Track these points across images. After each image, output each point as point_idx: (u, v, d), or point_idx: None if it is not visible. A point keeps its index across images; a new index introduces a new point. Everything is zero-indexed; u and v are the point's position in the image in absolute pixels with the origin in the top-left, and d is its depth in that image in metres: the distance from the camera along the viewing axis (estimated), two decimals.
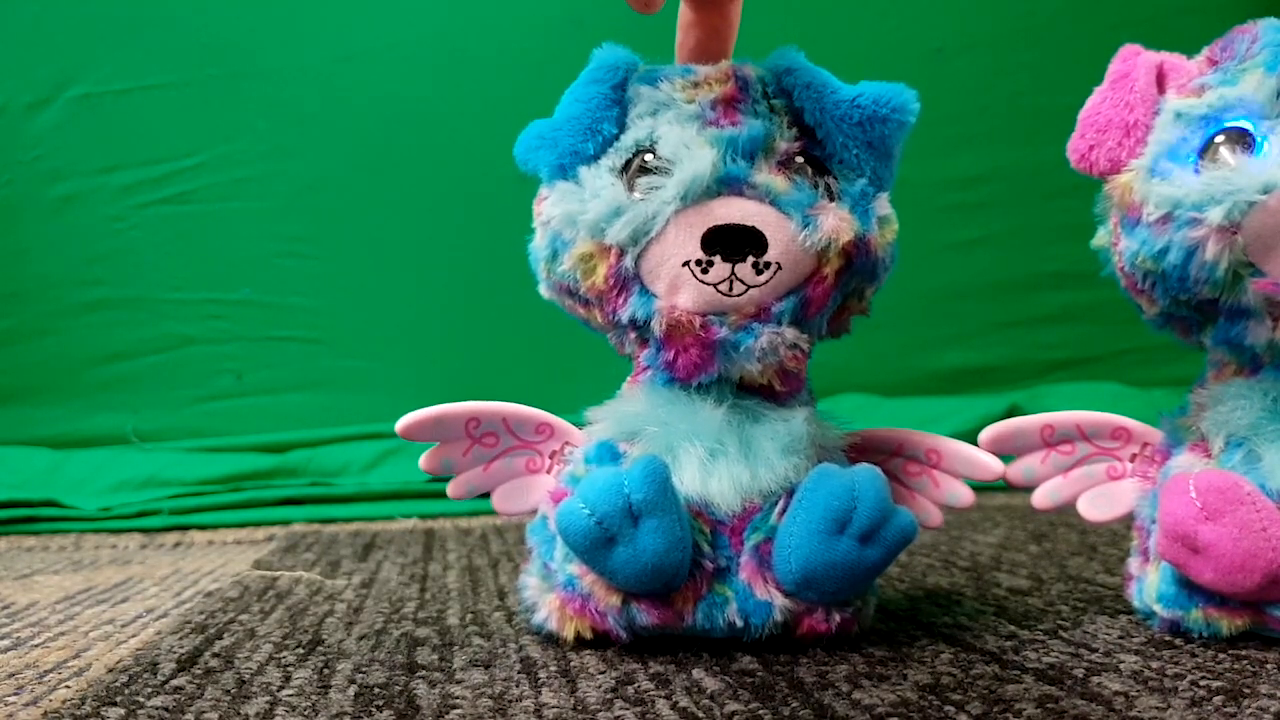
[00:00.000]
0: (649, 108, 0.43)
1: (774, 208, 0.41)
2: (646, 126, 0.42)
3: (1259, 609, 0.40)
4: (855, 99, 0.42)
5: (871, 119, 0.42)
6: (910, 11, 1.18)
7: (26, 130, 1.11)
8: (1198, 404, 0.44)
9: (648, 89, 0.43)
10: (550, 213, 0.43)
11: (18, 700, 0.38)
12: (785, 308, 0.41)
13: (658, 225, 0.40)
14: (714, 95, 0.42)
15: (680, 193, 0.40)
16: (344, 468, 1.05)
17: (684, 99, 0.42)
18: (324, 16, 1.14)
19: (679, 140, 0.41)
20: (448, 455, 0.46)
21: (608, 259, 0.41)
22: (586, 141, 0.43)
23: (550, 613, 0.44)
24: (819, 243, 0.40)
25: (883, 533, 0.40)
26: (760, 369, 0.42)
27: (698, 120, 0.42)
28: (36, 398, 1.12)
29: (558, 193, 0.43)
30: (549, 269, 0.44)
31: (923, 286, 1.16)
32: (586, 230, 0.41)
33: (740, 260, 0.40)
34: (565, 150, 0.43)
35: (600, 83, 0.43)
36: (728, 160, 0.41)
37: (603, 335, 0.46)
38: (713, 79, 0.43)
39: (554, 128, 0.44)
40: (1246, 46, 0.42)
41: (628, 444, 0.43)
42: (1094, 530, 0.72)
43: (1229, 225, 0.38)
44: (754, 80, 0.43)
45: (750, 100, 0.43)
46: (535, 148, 0.44)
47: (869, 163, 0.43)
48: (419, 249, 1.15)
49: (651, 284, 0.41)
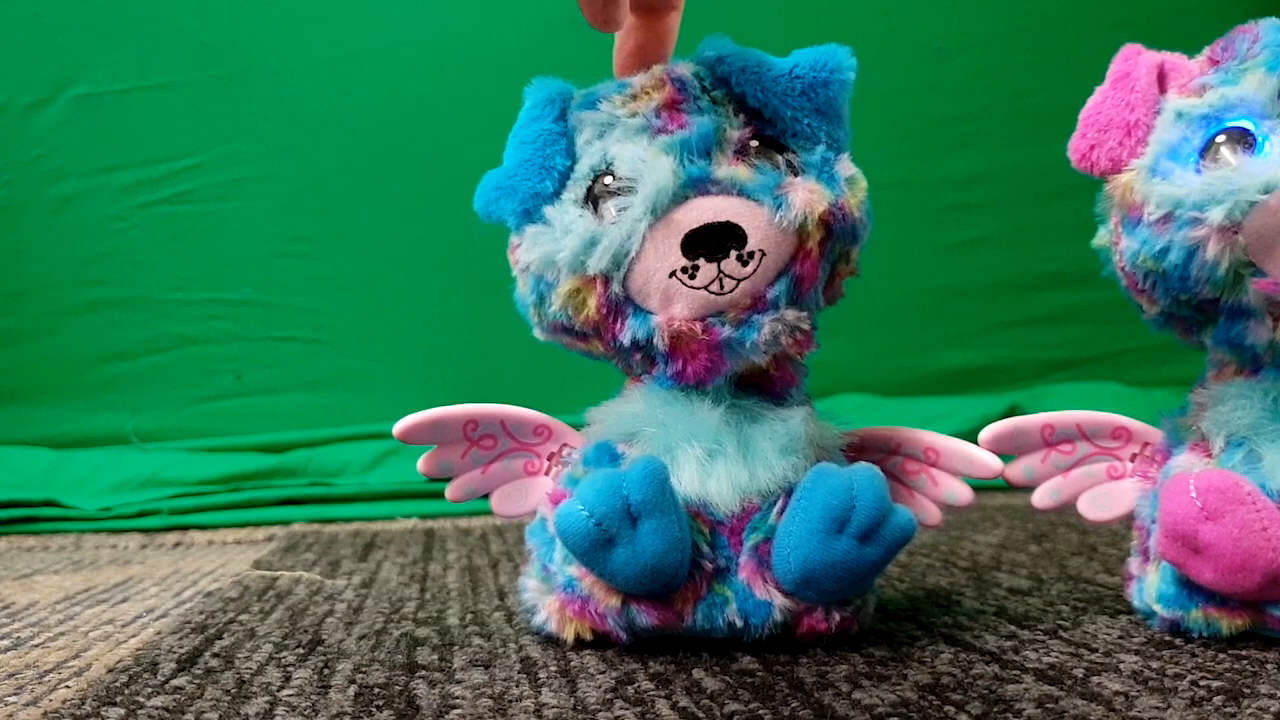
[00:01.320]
0: (595, 131, 0.43)
1: (743, 197, 0.40)
2: (598, 150, 0.42)
3: (1259, 609, 0.40)
4: (792, 70, 0.42)
5: (813, 85, 0.42)
6: (910, 11, 1.18)
7: (26, 130, 1.11)
8: (1198, 404, 0.44)
9: (589, 113, 0.43)
10: (526, 259, 0.43)
11: (18, 700, 0.38)
12: (779, 291, 0.41)
13: (635, 244, 0.40)
14: (655, 103, 0.42)
15: (649, 207, 0.40)
16: (344, 468, 1.05)
17: (626, 114, 0.42)
18: (324, 16, 1.14)
19: (633, 156, 0.41)
20: (446, 458, 0.46)
21: (595, 290, 0.41)
22: (544, 180, 0.42)
23: (550, 614, 0.44)
24: (795, 220, 0.40)
25: (882, 531, 0.40)
26: (768, 359, 0.42)
27: (646, 131, 0.42)
28: (36, 398, 1.12)
29: (529, 238, 0.42)
30: (539, 313, 0.44)
31: (923, 286, 1.15)
32: (567, 267, 0.41)
33: (724, 257, 0.40)
34: (525, 194, 0.43)
35: (541, 119, 0.43)
36: (686, 163, 0.41)
37: (608, 361, 0.45)
38: (649, 87, 0.43)
39: (509, 175, 0.43)
40: (1248, 46, 0.42)
41: (626, 445, 0.43)
42: (1094, 530, 0.72)
43: (1230, 225, 0.38)
44: (690, 78, 0.43)
45: (691, 98, 0.42)
46: (495, 199, 0.44)
47: (821, 128, 0.43)
48: (419, 249, 1.15)
49: (644, 302, 0.41)
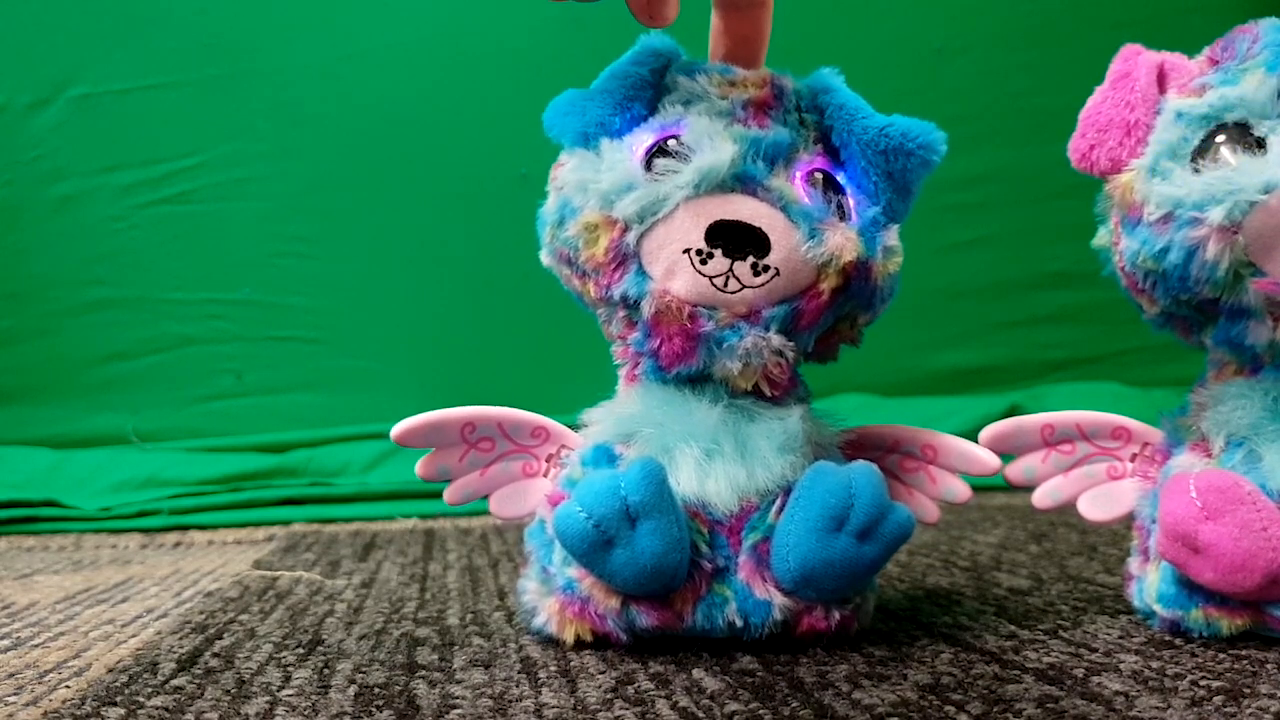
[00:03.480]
0: (683, 96, 0.43)
1: (783, 214, 0.41)
2: (677, 113, 0.43)
3: (1259, 609, 0.40)
4: (884, 128, 0.42)
5: (897, 150, 0.42)
6: (910, 11, 1.18)
7: (26, 130, 1.11)
8: (1198, 404, 0.44)
9: (685, 79, 0.44)
10: (565, 178, 0.43)
11: (18, 700, 0.38)
12: (776, 315, 0.41)
13: (666, 208, 0.41)
14: (747, 96, 0.43)
15: (695, 180, 0.40)
16: (344, 468, 1.05)
17: (718, 94, 0.43)
18: (324, 16, 1.14)
19: (704, 130, 0.41)
20: (444, 461, 0.46)
21: (611, 232, 0.41)
22: (614, 115, 0.43)
23: (550, 616, 0.44)
24: (821, 256, 0.41)
25: (880, 529, 0.40)
26: (741, 369, 0.42)
27: (727, 116, 0.42)
28: (36, 398, 1.12)
29: (576, 159, 0.43)
30: (554, 234, 0.44)
31: (923, 286, 1.15)
32: (597, 199, 0.41)
33: (740, 258, 0.40)
34: (592, 120, 0.43)
35: (641, 64, 0.44)
36: (747, 159, 0.41)
37: (594, 317, 0.46)
38: (750, 81, 0.43)
39: (586, 97, 0.44)
40: (1247, 46, 0.42)
41: (624, 446, 0.43)
42: (1094, 530, 0.72)
43: (1230, 225, 0.38)
44: (789, 91, 0.44)
45: (782, 109, 0.43)
46: (564, 113, 0.44)
47: (886, 193, 0.43)
48: (419, 249, 1.15)
49: (649, 265, 0.41)
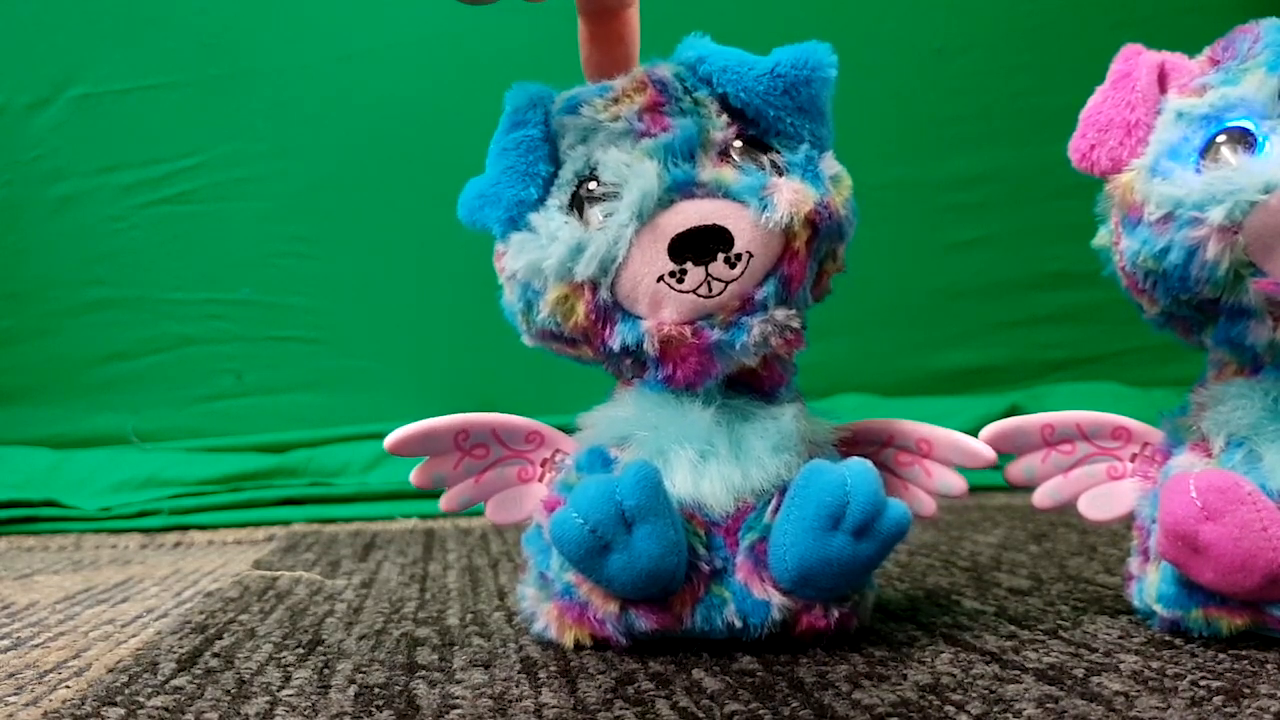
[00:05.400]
0: (578, 136, 0.42)
1: (728, 199, 0.40)
2: (581, 155, 0.42)
3: (1259, 609, 0.40)
4: (774, 69, 0.42)
5: (795, 83, 0.42)
6: (910, 11, 1.18)
7: (26, 130, 1.11)
8: (1198, 404, 0.44)
9: (570, 118, 0.43)
10: (513, 266, 0.42)
11: (18, 700, 0.38)
12: (768, 292, 0.41)
13: (622, 250, 0.40)
14: (637, 106, 0.42)
15: (635, 212, 0.40)
16: (344, 468, 1.05)
17: (608, 118, 0.42)
18: (324, 16, 1.14)
19: (617, 160, 0.41)
20: (438, 469, 0.45)
21: (584, 296, 0.41)
22: (528, 188, 0.42)
23: (549, 622, 0.44)
24: (781, 220, 0.40)
25: (877, 526, 0.40)
26: (758, 360, 0.42)
27: (629, 135, 0.41)
28: (36, 398, 1.12)
29: (515, 245, 0.42)
30: (527, 320, 0.43)
31: (923, 286, 1.15)
32: (554, 275, 0.41)
33: (711, 260, 0.40)
34: (509, 202, 0.42)
35: (523, 125, 0.43)
36: (670, 166, 0.41)
37: (599, 366, 0.45)
38: (630, 90, 0.42)
39: (492, 183, 0.43)
40: (1248, 46, 0.42)
41: (618, 449, 0.43)
42: (1094, 530, 0.71)
43: (1230, 225, 0.38)
44: (671, 79, 0.42)
45: (673, 100, 0.42)
46: (479, 207, 0.43)
47: (805, 127, 0.42)
48: (419, 249, 1.15)
49: (633, 308, 0.41)
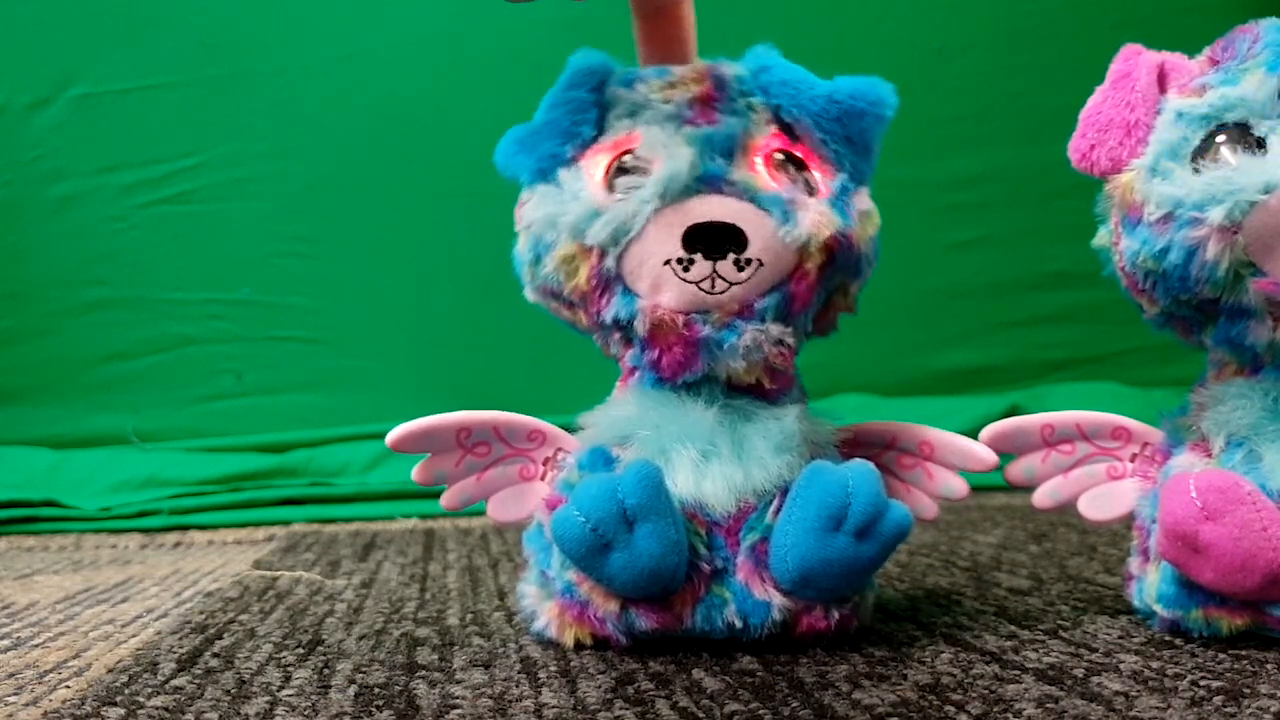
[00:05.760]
0: (627, 109, 0.43)
1: (753, 204, 0.41)
2: (625, 127, 0.43)
3: (1259, 609, 0.40)
4: (832, 94, 0.42)
5: (849, 113, 0.42)
6: (910, 11, 1.18)
7: (26, 130, 1.11)
8: (1198, 404, 0.44)
9: (625, 91, 0.43)
10: (531, 216, 0.43)
11: (18, 700, 0.38)
12: (769, 304, 0.41)
13: (638, 225, 0.40)
14: (690, 95, 0.42)
15: (659, 191, 0.40)
16: (344, 468, 1.05)
17: (661, 99, 0.43)
18: (324, 16, 1.14)
19: (657, 140, 0.41)
20: (440, 467, 0.46)
21: (589, 260, 0.41)
22: (565, 144, 0.43)
23: (549, 620, 0.44)
24: (799, 238, 0.41)
25: (878, 528, 0.40)
26: (745, 367, 0.42)
27: (676, 120, 0.42)
28: (36, 398, 1.12)
29: (538, 196, 0.43)
30: (533, 273, 0.44)
31: (923, 286, 1.15)
32: (567, 232, 0.41)
33: (721, 258, 0.40)
34: (544, 154, 0.43)
35: (578, 87, 0.43)
36: (706, 158, 0.41)
37: (590, 336, 0.46)
38: (689, 79, 0.43)
39: (532, 132, 0.44)
40: (1248, 46, 0.42)
41: (620, 448, 0.43)
42: (1094, 530, 0.72)
43: (1230, 225, 0.38)
44: (730, 79, 0.43)
45: (727, 98, 0.43)
46: (514, 153, 0.44)
47: (848, 157, 0.43)
48: (419, 249, 1.15)
49: (634, 284, 0.41)
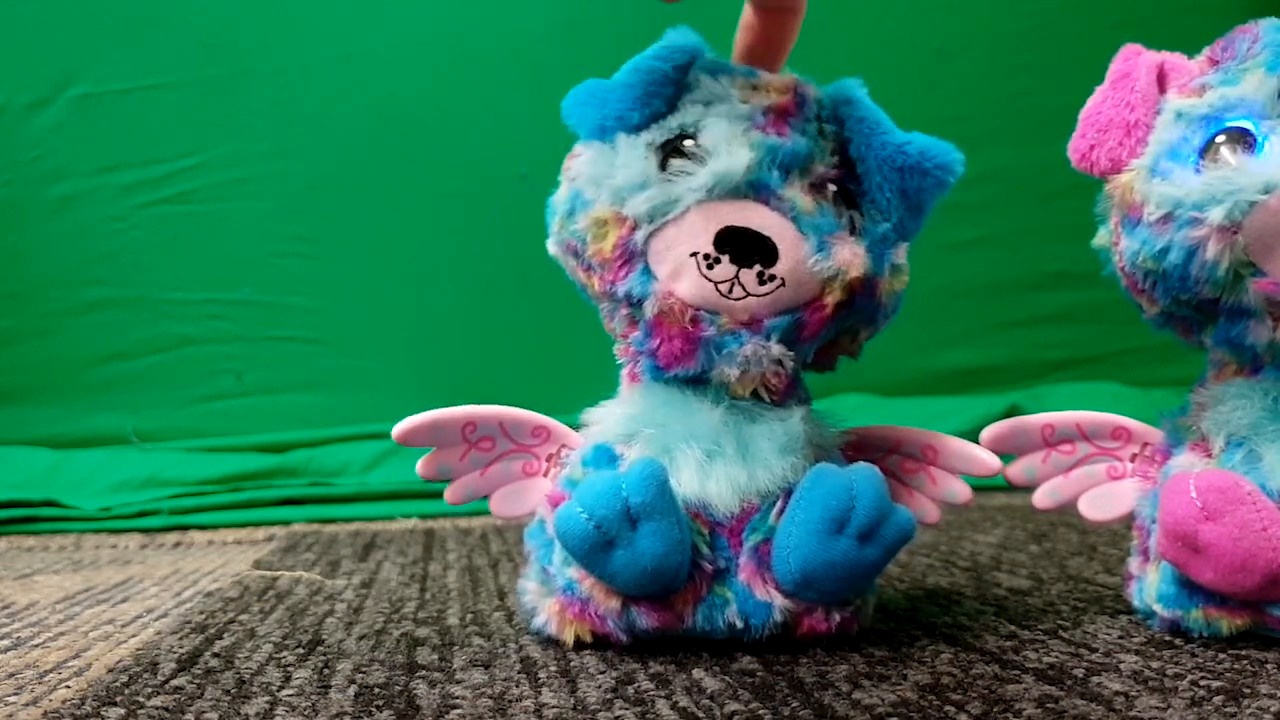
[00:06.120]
0: (704, 96, 0.43)
1: (793, 225, 0.41)
2: (696, 113, 0.42)
3: (1259, 609, 0.40)
4: (903, 145, 0.42)
5: (913, 169, 0.42)
6: (910, 11, 1.18)
7: (26, 130, 1.11)
8: (1198, 404, 0.44)
9: (708, 79, 0.43)
10: (579, 169, 0.43)
11: (18, 700, 0.38)
12: (778, 325, 0.41)
13: (678, 209, 0.41)
14: (769, 102, 0.42)
15: (709, 183, 0.40)
16: (344, 468, 1.05)
17: (740, 98, 0.43)
18: (324, 16, 1.14)
19: (722, 134, 0.41)
20: (444, 461, 0.46)
21: (620, 229, 0.41)
22: (634, 110, 0.42)
23: (550, 617, 0.44)
24: (827, 270, 0.41)
25: (881, 531, 0.40)
26: (739, 376, 0.42)
27: (746, 121, 0.42)
28: (36, 398, 1.12)
29: (592, 151, 0.43)
30: (563, 224, 0.44)
31: (923, 286, 1.14)
32: (609, 194, 0.41)
33: (747, 266, 0.40)
34: (611, 113, 0.43)
35: (665, 60, 0.43)
36: (763, 167, 0.41)
37: (595, 311, 0.45)
38: (774, 87, 0.43)
39: (606, 89, 0.43)
40: (1247, 46, 0.42)
41: (625, 446, 0.43)
42: (1094, 530, 0.72)
43: (1230, 225, 0.38)
44: (812, 100, 0.43)
45: (803, 117, 0.43)
46: (583, 103, 0.44)
47: (899, 210, 0.43)
48: (419, 249, 1.15)
49: (656, 265, 0.41)
